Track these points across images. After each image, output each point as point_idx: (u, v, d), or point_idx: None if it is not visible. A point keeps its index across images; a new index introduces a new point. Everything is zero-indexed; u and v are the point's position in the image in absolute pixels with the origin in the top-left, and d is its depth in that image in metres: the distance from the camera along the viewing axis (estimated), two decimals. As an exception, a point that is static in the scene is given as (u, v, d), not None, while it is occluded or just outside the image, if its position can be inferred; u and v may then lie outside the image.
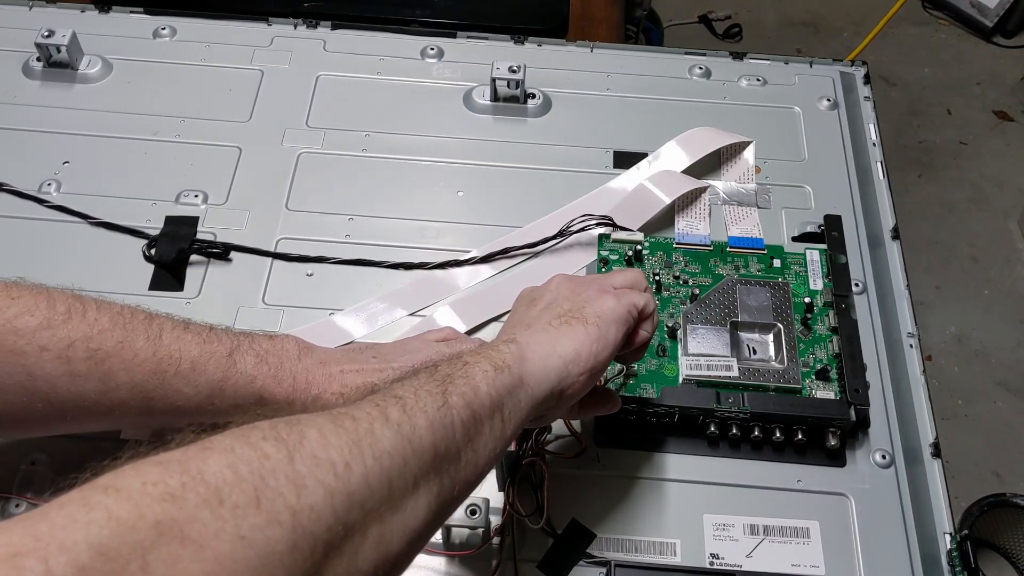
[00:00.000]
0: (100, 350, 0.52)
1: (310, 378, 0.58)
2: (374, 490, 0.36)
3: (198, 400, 0.55)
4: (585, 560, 0.58)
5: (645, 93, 0.84)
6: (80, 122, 0.79)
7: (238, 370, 0.56)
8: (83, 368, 0.52)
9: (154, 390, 0.53)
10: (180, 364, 0.54)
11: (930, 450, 0.65)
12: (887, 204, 0.78)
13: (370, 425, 0.38)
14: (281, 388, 0.57)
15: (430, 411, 0.41)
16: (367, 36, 0.88)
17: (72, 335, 0.51)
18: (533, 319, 0.52)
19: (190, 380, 0.54)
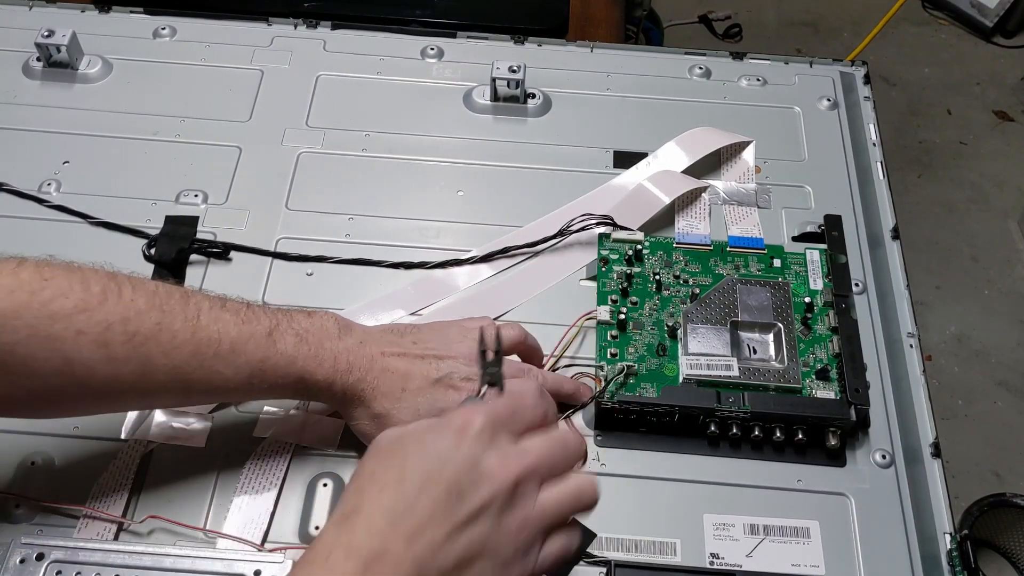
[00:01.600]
0: (138, 333, 0.51)
1: (351, 359, 0.57)
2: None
3: (238, 381, 0.54)
4: (585, 560, 0.58)
5: (645, 93, 0.84)
6: (80, 122, 0.79)
7: (278, 350, 0.55)
8: (121, 352, 0.51)
9: (193, 372, 0.53)
10: (220, 346, 0.53)
11: (930, 450, 0.65)
12: (887, 204, 0.78)
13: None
14: (322, 369, 0.56)
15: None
16: (367, 36, 0.88)
17: (109, 318, 0.50)
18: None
19: (230, 361, 0.53)
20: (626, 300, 0.68)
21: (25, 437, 0.62)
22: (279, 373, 0.55)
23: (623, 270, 0.69)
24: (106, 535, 0.58)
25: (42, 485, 0.60)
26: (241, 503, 0.59)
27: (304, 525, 0.59)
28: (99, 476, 0.60)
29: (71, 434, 0.62)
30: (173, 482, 0.61)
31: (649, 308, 0.67)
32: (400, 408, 0.57)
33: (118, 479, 0.60)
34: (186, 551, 0.56)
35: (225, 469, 0.61)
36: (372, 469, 0.44)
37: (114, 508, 0.59)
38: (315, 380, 0.56)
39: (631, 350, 0.65)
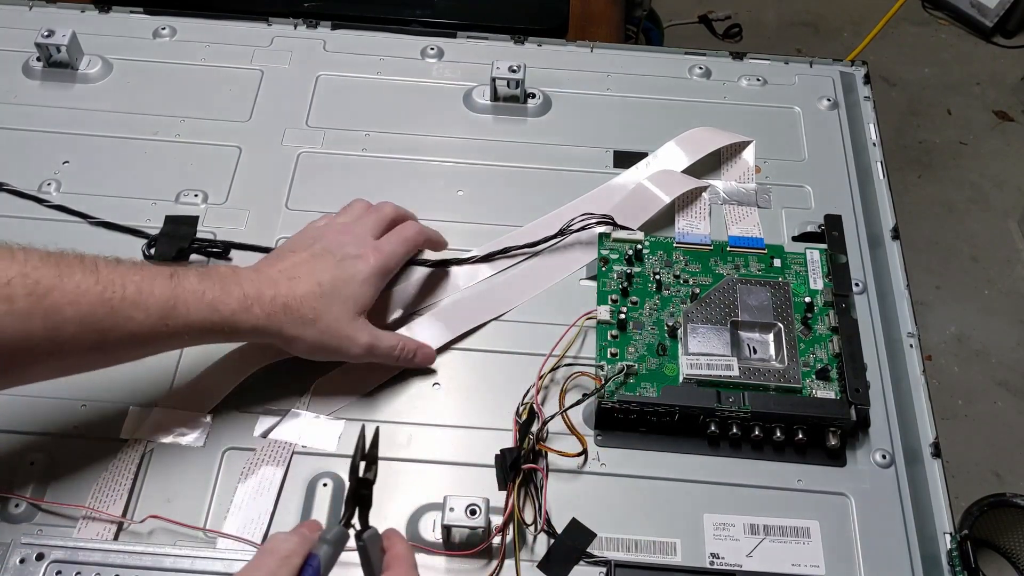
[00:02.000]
0: (39, 284, 0.51)
1: (258, 284, 0.59)
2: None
3: (150, 323, 0.55)
4: (585, 560, 0.58)
5: (645, 93, 0.84)
6: (80, 122, 0.79)
7: (184, 288, 0.56)
8: (25, 305, 0.51)
9: (103, 319, 0.53)
10: (125, 289, 0.54)
11: (930, 450, 0.65)
12: (887, 204, 0.78)
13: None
14: (232, 297, 0.57)
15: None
16: (367, 36, 0.88)
17: (7, 273, 0.51)
18: None
19: (138, 304, 0.54)
20: (626, 300, 0.68)
21: (25, 437, 0.62)
22: (191, 309, 0.56)
23: (623, 270, 0.69)
24: (106, 535, 0.58)
25: (42, 485, 0.60)
26: (241, 503, 0.60)
27: (304, 525, 0.59)
28: (99, 476, 0.60)
29: (71, 434, 0.62)
30: (173, 482, 0.61)
31: (649, 308, 0.67)
32: (326, 303, 0.60)
33: (118, 479, 0.60)
34: (186, 551, 0.56)
35: (225, 469, 0.61)
36: None
37: (114, 508, 0.59)
38: (231, 309, 0.57)
39: (631, 350, 0.65)
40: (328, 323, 0.60)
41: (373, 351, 0.62)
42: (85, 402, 0.64)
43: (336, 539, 0.47)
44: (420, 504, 0.61)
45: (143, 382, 0.65)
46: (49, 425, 0.63)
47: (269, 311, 0.59)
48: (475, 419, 0.65)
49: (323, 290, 0.61)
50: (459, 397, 0.66)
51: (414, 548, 0.58)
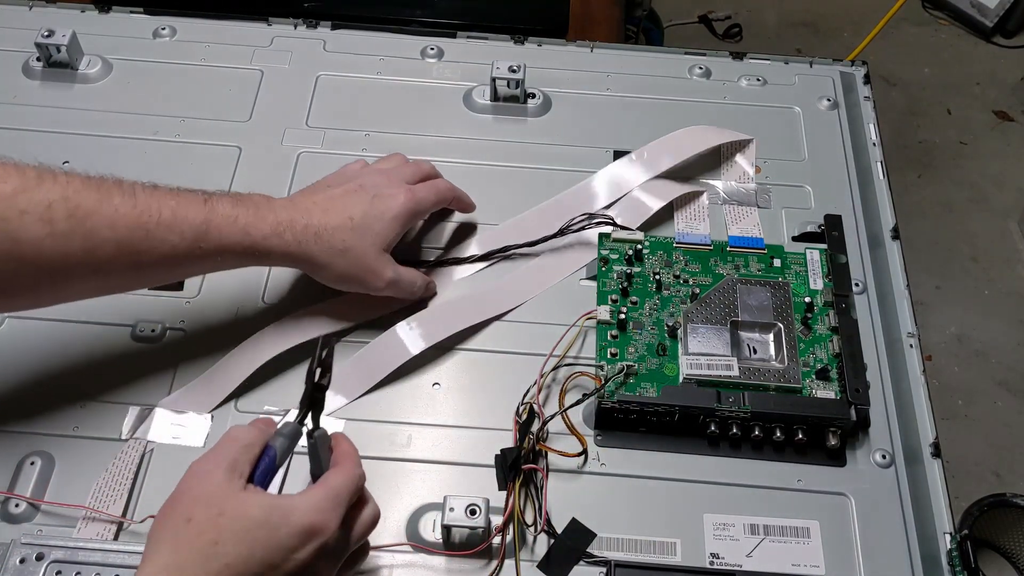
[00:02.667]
0: (80, 207, 0.53)
1: (292, 212, 0.61)
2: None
3: (184, 246, 0.57)
4: (585, 560, 0.58)
5: (645, 93, 0.84)
6: (80, 122, 0.79)
7: (218, 212, 0.58)
8: (65, 227, 0.53)
9: (140, 242, 0.55)
10: (161, 213, 0.56)
11: (930, 450, 0.65)
12: (887, 204, 0.78)
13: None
14: (265, 223, 0.60)
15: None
16: (367, 36, 0.88)
17: (49, 196, 0.53)
18: None
19: (173, 227, 0.56)
20: (626, 300, 0.68)
21: (25, 437, 0.62)
22: (224, 233, 0.58)
23: (623, 270, 0.69)
24: (106, 535, 0.58)
25: (42, 485, 0.60)
26: (241, 503, 0.59)
27: (304, 525, 0.59)
28: (99, 476, 0.60)
29: (71, 434, 0.62)
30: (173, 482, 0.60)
31: (649, 308, 0.67)
32: (357, 236, 0.63)
33: (118, 479, 0.60)
34: (186, 551, 0.55)
35: (225, 469, 0.61)
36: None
37: (114, 508, 0.59)
38: (263, 234, 0.59)
39: (631, 350, 0.65)
40: (357, 255, 0.63)
41: (394, 285, 0.65)
42: (85, 402, 0.64)
43: (290, 434, 0.51)
44: (420, 504, 0.61)
45: (143, 382, 0.65)
46: (49, 425, 0.63)
47: (301, 238, 0.61)
48: (475, 419, 0.65)
49: (354, 223, 0.63)
50: (459, 397, 0.66)
51: (414, 548, 0.59)
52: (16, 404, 0.63)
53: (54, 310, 0.66)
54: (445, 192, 0.70)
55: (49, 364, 0.66)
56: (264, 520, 0.47)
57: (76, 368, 0.65)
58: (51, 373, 0.65)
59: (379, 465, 0.62)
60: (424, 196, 0.67)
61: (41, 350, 0.66)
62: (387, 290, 0.65)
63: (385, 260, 0.65)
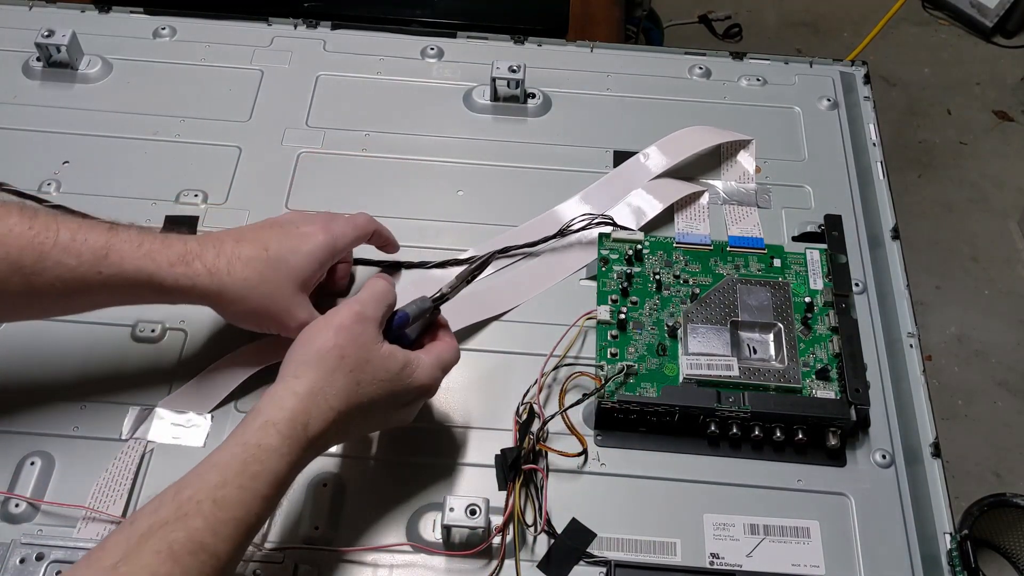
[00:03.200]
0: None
1: (203, 242, 0.58)
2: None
3: (82, 271, 0.54)
4: (585, 560, 0.58)
5: (645, 93, 0.84)
6: (80, 122, 0.79)
7: (121, 237, 0.56)
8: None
9: (33, 264, 0.53)
10: (59, 234, 0.54)
11: (930, 450, 0.65)
12: (887, 204, 0.78)
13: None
14: (172, 250, 0.57)
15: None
16: (367, 36, 0.87)
17: None
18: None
19: (70, 249, 0.54)
20: (626, 300, 0.68)
21: (25, 437, 0.62)
22: (126, 259, 0.55)
23: (623, 270, 0.69)
24: (106, 535, 0.58)
25: (42, 485, 0.60)
26: (241, 503, 0.59)
27: (304, 525, 0.59)
28: (99, 476, 0.60)
29: (71, 434, 0.62)
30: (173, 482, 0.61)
31: (649, 308, 0.67)
32: (271, 269, 0.59)
33: (118, 479, 0.60)
34: (186, 551, 0.55)
35: (225, 469, 0.61)
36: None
37: (114, 508, 0.59)
38: (169, 261, 0.56)
39: (631, 350, 0.65)
40: (270, 290, 0.59)
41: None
42: (85, 402, 0.64)
43: (420, 307, 0.60)
44: (420, 504, 0.61)
45: (143, 382, 0.65)
46: (49, 425, 0.63)
47: (212, 268, 0.57)
48: (475, 419, 0.65)
49: (269, 255, 0.59)
50: (459, 397, 0.66)
51: (414, 548, 0.59)
52: (16, 404, 0.63)
53: (54, 310, 0.66)
54: (364, 225, 0.65)
55: (49, 364, 0.66)
56: (397, 374, 0.55)
57: (76, 368, 0.65)
58: (51, 373, 0.65)
59: (379, 465, 0.62)
60: (341, 231, 0.63)
61: (41, 350, 0.66)
62: (295, 332, 0.58)
63: (301, 300, 0.61)
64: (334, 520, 0.60)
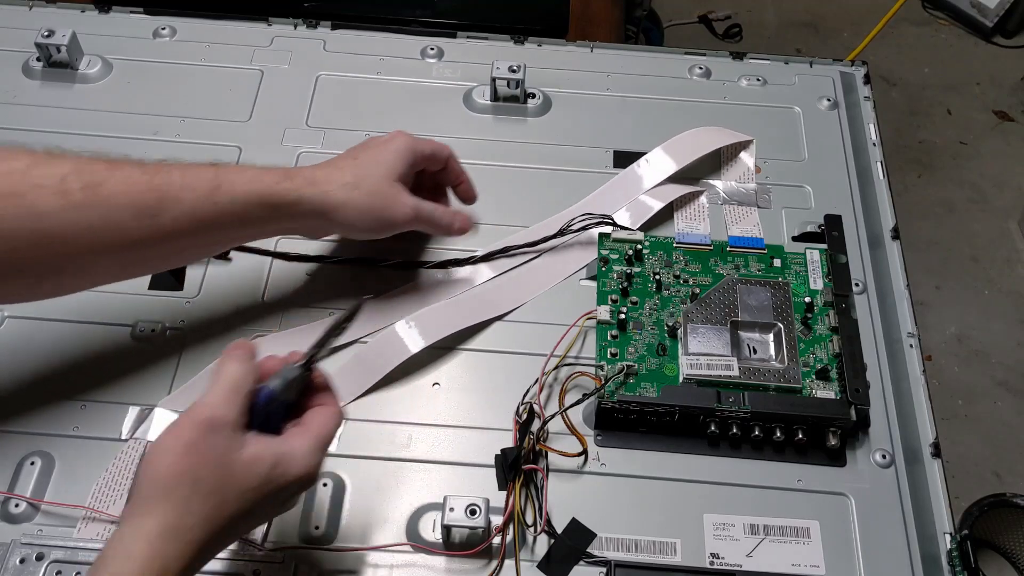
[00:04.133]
0: (93, 176, 0.54)
1: (296, 169, 0.62)
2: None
3: (199, 204, 0.57)
4: (585, 560, 0.58)
5: (645, 93, 0.84)
6: (80, 122, 0.79)
7: (226, 170, 0.59)
8: (81, 198, 0.53)
9: (155, 204, 0.55)
10: (171, 175, 0.56)
11: (930, 450, 0.65)
12: (887, 204, 0.78)
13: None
14: (272, 172, 0.60)
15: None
16: (367, 36, 0.88)
17: (61, 170, 0.53)
18: None
19: (185, 187, 0.56)
20: (626, 300, 0.68)
21: (25, 437, 0.62)
22: (235, 185, 0.58)
23: (623, 270, 0.69)
24: (106, 535, 0.58)
25: (42, 485, 0.60)
26: (241, 503, 0.59)
27: (304, 525, 0.59)
28: (99, 476, 0.60)
29: (71, 434, 0.62)
30: (173, 482, 0.61)
31: (649, 308, 0.67)
32: (365, 169, 0.63)
33: (118, 479, 0.60)
34: (186, 551, 0.55)
35: (225, 469, 0.61)
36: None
37: (114, 508, 0.59)
38: (273, 178, 0.59)
39: (631, 350, 0.65)
40: (371, 185, 0.62)
41: (419, 213, 0.65)
42: (85, 402, 0.64)
43: (288, 379, 0.52)
44: (420, 504, 0.61)
45: (143, 382, 0.65)
46: (49, 425, 0.63)
47: (309, 178, 0.61)
48: (475, 419, 0.65)
49: (359, 160, 0.64)
50: (459, 397, 0.66)
51: (414, 548, 0.59)
52: (16, 404, 0.63)
53: (54, 310, 0.66)
54: (441, 145, 0.69)
55: (49, 364, 0.66)
56: (267, 476, 0.48)
57: (76, 368, 0.65)
58: (51, 373, 0.65)
59: (379, 465, 0.62)
60: (421, 139, 0.67)
61: (41, 350, 0.66)
62: (412, 221, 0.65)
63: (401, 188, 0.64)
64: (334, 520, 0.60)
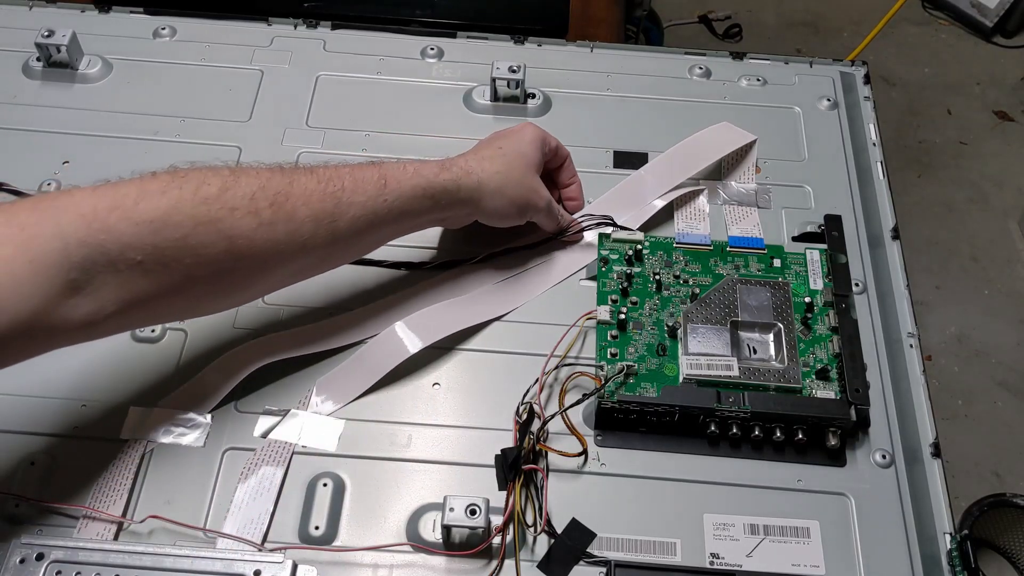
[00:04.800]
0: (278, 193, 0.57)
1: (448, 158, 0.66)
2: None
3: (371, 204, 0.60)
4: (585, 560, 0.58)
5: (645, 93, 0.84)
6: (80, 122, 0.79)
7: (388, 165, 0.62)
8: (269, 215, 0.56)
9: (332, 210, 0.59)
10: (343, 181, 0.60)
11: (930, 450, 0.65)
12: (887, 204, 0.78)
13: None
14: (430, 163, 0.64)
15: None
16: (367, 36, 0.88)
17: (249, 189, 0.56)
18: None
19: (356, 190, 0.60)
20: (626, 300, 0.68)
21: (25, 437, 0.62)
22: (401, 181, 0.62)
23: (623, 270, 0.69)
24: (106, 535, 0.58)
25: (42, 485, 0.60)
26: (241, 503, 0.60)
27: (304, 525, 0.59)
28: (99, 476, 0.60)
29: (71, 434, 0.62)
30: (173, 482, 0.61)
31: (649, 308, 0.67)
32: (509, 162, 0.67)
33: (118, 479, 0.60)
34: (186, 551, 0.56)
35: (225, 469, 0.61)
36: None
37: (114, 508, 0.59)
38: (432, 171, 0.63)
39: (631, 350, 0.65)
40: (519, 175, 0.67)
41: (551, 206, 0.70)
42: (85, 402, 0.64)
43: None
44: (420, 504, 0.61)
45: (143, 382, 0.65)
46: (49, 425, 0.63)
47: (465, 168, 0.65)
48: (475, 419, 0.65)
49: (505, 151, 0.67)
50: (459, 397, 0.66)
51: (414, 548, 0.59)
52: (16, 404, 0.63)
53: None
54: (560, 145, 0.73)
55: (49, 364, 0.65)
56: None
57: (76, 368, 0.65)
58: (51, 373, 0.65)
59: (379, 465, 0.62)
60: (548, 133, 0.71)
61: (41, 350, 0.66)
62: (545, 211, 0.69)
63: (539, 179, 0.69)
64: (334, 520, 0.60)
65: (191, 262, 0.54)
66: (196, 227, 0.53)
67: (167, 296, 0.54)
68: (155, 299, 0.54)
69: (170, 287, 0.54)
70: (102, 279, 0.51)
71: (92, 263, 0.50)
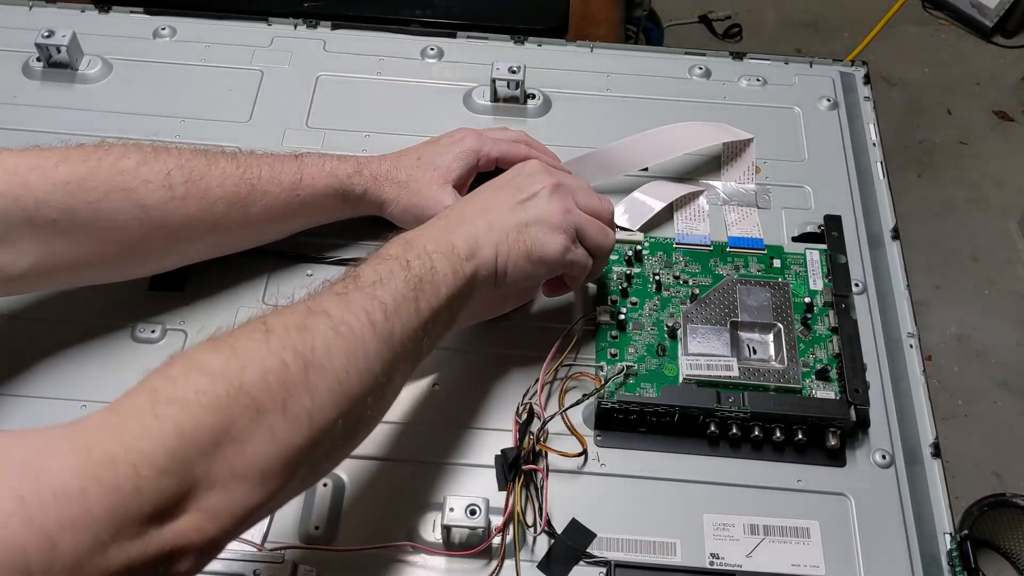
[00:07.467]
0: (194, 172, 0.61)
1: (372, 158, 0.69)
2: (365, 389, 0.48)
3: (284, 196, 0.65)
4: (585, 560, 0.58)
5: (645, 93, 0.84)
6: (80, 122, 0.79)
7: (307, 163, 0.66)
8: (183, 191, 0.61)
9: (245, 196, 0.63)
10: (261, 170, 0.64)
11: (930, 450, 0.65)
12: (887, 204, 0.78)
13: (362, 335, 0.48)
14: (347, 164, 0.67)
15: (404, 318, 0.51)
16: (367, 36, 0.88)
17: (167, 166, 0.61)
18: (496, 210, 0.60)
19: (272, 181, 0.64)
20: (626, 300, 0.68)
21: (25, 437, 0.62)
22: (316, 178, 0.65)
23: (623, 270, 0.69)
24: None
25: (42, 485, 0.60)
26: (241, 503, 0.59)
27: (304, 525, 0.59)
28: (99, 476, 0.60)
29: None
30: (173, 482, 0.61)
31: (649, 308, 0.67)
32: (420, 170, 0.68)
33: (118, 479, 0.60)
34: (186, 551, 0.55)
35: (225, 469, 0.61)
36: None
37: (114, 508, 0.58)
38: (346, 173, 0.67)
39: (631, 350, 0.65)
40: (420, 186, 0.67)
41: None
42: (85, 402, 0.64)
43: None
44: (420, 504, 0.61)
45: (143, 382, 0.65)
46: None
47: (374, 174, 0.67)
48: (475, 419, 0.65)
49: (420, 161, 0.69)
50: (459, 397, 0.66)
51: (414, 548, 0.59)
52: (16, 404, 0.63)
53: (54, 310, 0.67)
54: (518, 136, 0.72)
55: (49, 364, 0.66)
56: None
57: (76, 368, 0.65)
58: (51, 373, 0.65)
59: (379, 465, 0.62)
60: (494, 136, 0.71)
61: (41, 350, 0.66)
62: None
63: (448, 191, 0.67)
64: (334, 520, 0.60)
65: (104, 225, 0.59)
66: (109, 193, 0.58)
67: (85, 256, 0.59)
68: (72, 258, 0.59)
69: (87, 249, 0.59)
70: (19, 231, 0.56)
71: (9, 214, 0.55)
